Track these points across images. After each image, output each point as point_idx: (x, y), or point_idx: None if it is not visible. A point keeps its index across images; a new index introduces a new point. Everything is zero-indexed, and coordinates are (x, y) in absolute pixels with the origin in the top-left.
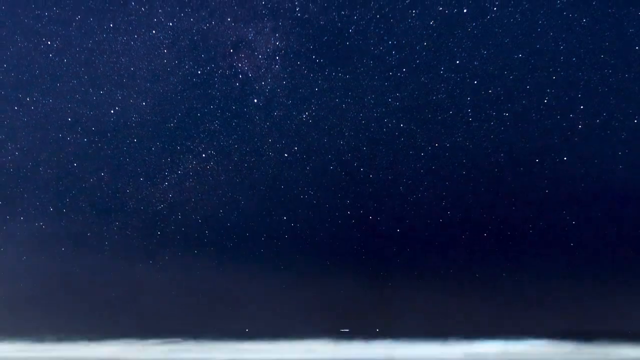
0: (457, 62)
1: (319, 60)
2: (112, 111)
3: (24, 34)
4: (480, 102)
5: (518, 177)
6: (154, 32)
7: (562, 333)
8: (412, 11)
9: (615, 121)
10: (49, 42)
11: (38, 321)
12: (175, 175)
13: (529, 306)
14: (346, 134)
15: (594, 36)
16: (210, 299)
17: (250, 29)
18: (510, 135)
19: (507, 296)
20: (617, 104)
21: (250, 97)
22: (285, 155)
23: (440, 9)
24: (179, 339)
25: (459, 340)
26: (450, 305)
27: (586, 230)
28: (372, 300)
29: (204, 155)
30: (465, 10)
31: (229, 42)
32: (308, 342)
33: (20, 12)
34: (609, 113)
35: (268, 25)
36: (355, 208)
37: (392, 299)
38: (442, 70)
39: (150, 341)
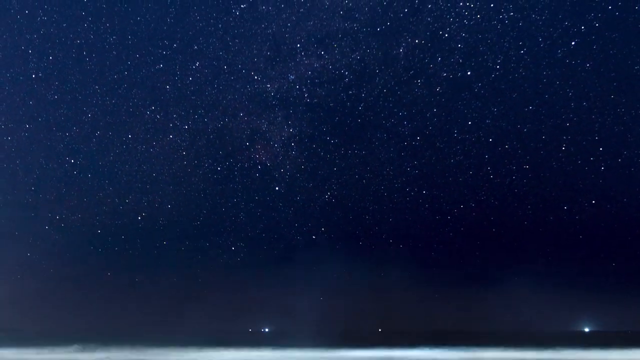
0: (469, 122)
1: (334, 141)
2: (139, 218)
3: (48, 154)
4: (498, 158)
5: (544, 228)
6: (171, 136)
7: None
8: (417, 81)
9: (637, 157)
10: (72, 160)
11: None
12: (208, 272)
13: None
14: (370, 207)
15: (601, 78)
16: None
17: (263, 121)
18: (534, 187)
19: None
20: (637, 141)
21: (272, 185)
22: (313, 237)
23: (445, 74)
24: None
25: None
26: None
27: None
28: None
29: (233, 248)
30: (469, 73)
31: (244, 136)
32: (308, 344)
33: (43, 136)
34: (631, 151)
35: (280, 114)
36: (387, 280)
37: None
38: (456, 132)
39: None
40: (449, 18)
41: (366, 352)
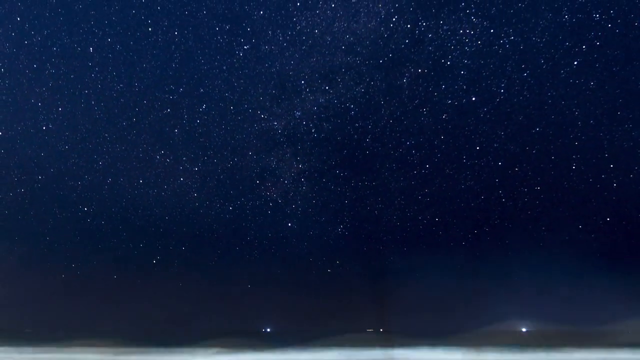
0: (477, 147)
1: (344, 174)
2: (153, 261)
3: (61, 205)
4: (509, 182)
5: (560, 250)
6: (181, 179)
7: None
8: (422, 110)
9: None
10: (85, 209)
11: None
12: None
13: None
14: (384, 238)
15: (607, 96)
16: None
17: (272, 158)
18: (548, 209)
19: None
20: None
21: (284, 221)
22: (329, 270)
23: (449, 101)
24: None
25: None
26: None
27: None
28: None
29: (249, 285)
30: (474, 99)
31: (254, 175)
32: (308, 344)
33: (56, 186)
34: None
35: (288, 151)
36: (404, 309)
37: None
38: (465, 158)
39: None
40: (450, 46)
41: (366, 352)
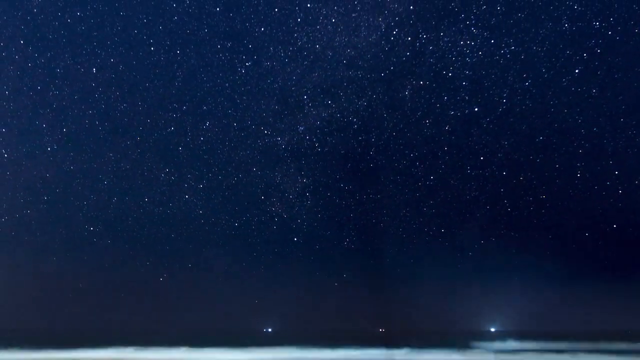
0: (482, 157)
1: (348, 187)
2: (160, 279)
3: (68, 224)
4: (514, 191)
5: (565, 255)
6: (186, 197)
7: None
8: (425, 121)
9: None
10: (92, 228)
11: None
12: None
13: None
14: (390, 250)
15: (609, 103)
16: None
17: (276, 173)
18: (555, 217)
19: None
20: None
21: (290, 236)
22: (336, 284)
23: (452, 112)
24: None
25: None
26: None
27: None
28: None
29: (256, 301)
30: (476, 109)
31: (259, 190)
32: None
33: (62, 206)
34: None
35: (292, 166)
36: (413, 322)
37: None
38: (469, 169)
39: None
40: (451, 57)
41: (366, 352)
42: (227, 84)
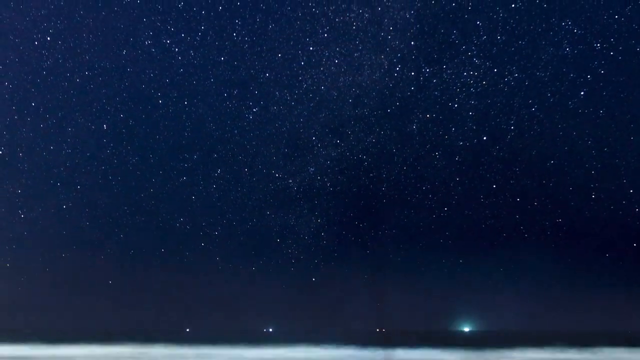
0: (494, 186)
1: (363, 225)
2: (186, 330)
3: (84, 278)
4: (530, 218)
5: (574, 274)
6: (202, 244)
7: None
8: (435, 154)
9: None
10: (110, 281)
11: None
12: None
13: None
14: (408, 283)
15: (617, 122)
16: None
17: (290, 215)
18: (573, 242)
19: None
20: None
21: (307, 277)
22: (353, 323)
23: (461, 143)
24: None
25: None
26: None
27: None
28: None
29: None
30: (485, 138)
31: (273, 233)
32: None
33: (78, 259)
34: None
35: (305, 207)
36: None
37: None
38: (482, 198)
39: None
40: (456, 89)
41: (366, 352)
42: (235, 131)
